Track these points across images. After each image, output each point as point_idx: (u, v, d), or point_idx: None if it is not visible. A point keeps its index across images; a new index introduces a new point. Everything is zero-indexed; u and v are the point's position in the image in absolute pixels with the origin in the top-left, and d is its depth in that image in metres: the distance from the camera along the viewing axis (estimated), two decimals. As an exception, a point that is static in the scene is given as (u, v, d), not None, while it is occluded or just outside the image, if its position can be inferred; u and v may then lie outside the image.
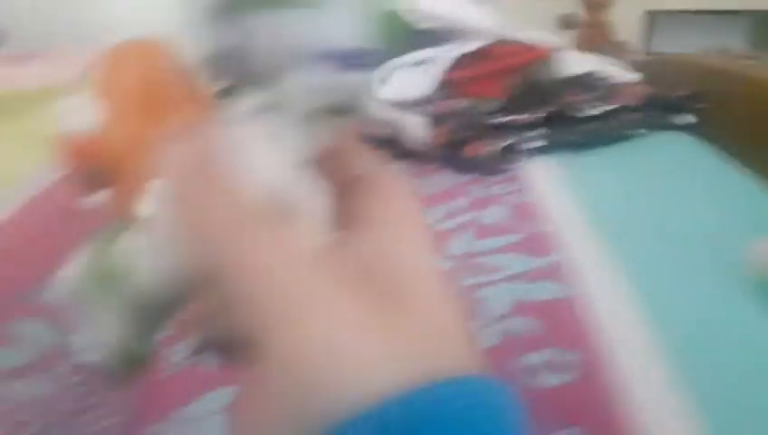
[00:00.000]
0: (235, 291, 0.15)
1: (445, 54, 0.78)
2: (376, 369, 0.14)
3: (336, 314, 0.15)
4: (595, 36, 1.60)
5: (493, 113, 0.78)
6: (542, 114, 0.74)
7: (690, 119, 0.78)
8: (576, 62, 0.84)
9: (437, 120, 0.77)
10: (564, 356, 0.38)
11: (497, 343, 0.39)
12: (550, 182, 0.65)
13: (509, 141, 0.71)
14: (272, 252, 0.16)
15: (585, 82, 0.83)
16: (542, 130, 0.74)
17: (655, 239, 0.50)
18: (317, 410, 0.14)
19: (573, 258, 0.49)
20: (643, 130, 0.75)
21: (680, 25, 2.32)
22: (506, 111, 0.79)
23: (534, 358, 0.38)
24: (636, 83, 0.86)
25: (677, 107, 0.79)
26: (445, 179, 0.69)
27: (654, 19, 2.27)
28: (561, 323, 0.41)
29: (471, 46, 0.79)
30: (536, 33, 0.84)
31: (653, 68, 1.11)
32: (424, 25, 0.79)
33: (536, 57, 0.82)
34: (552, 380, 0.36)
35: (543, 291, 0.45)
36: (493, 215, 0.58)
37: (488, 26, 0.80)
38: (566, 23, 2.10)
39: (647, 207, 0.57)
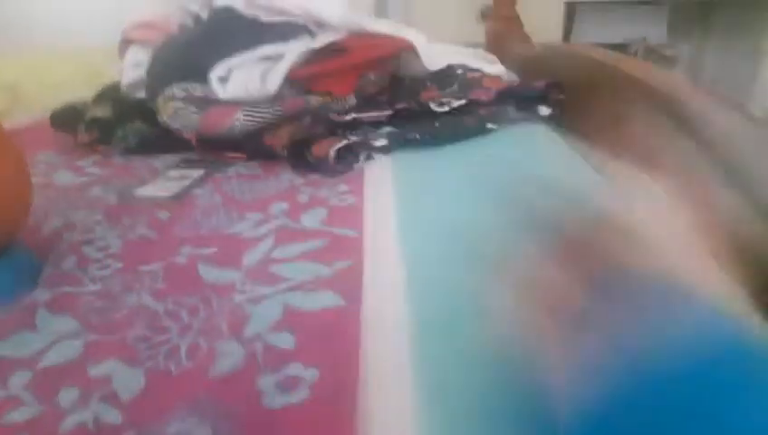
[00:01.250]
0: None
1: (292, 50, 0.74)
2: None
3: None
4: (503, 28, 1.58)
5: (344, 111, 0.75)
6: (387, 112, 0.72)
7: (546, 110, 0.76)
8: (436, 57, 0.82)
9: (284, 118, 0.73)
10: (303, 373, 0.35)
11: (247, 359, 0.36)
12: (382, 183, 0.63)
13: (350, 140, 0.68)
14: None
15: (444, 77, 0.81)
16: (387, 129, 0.71)
17: (448, 241, 0.48)
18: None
19: (365, 266, 0.46)
20: (493, 125, 0.72)
21: (601, 15, 2.33)
22: (358, 108, 0.76)
23: (275, 376, 0.35)
24: (499, 77, 0.84)
25: (537, 98, 0.77)
26: (283, 181, 0.66)
27: (574, 10, 2.28)
28: (318, 337, 0.38)
29: (321, 41, 0.76)
30: (393, 26, 0.81)
31: (538, 60, 1.09)
32: (268, 19, 0.75)
33: (391, 52, 0.79)
34: (282, 400, 0.33)
35: (317, 301, 0.42)
36: (307, 220, 0.55)
37: (340, 20, 0.77)
38: (483, 15, 2.10)
39: (460, 207, 0.54)
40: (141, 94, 0.89)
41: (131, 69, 0.91)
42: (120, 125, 0.79)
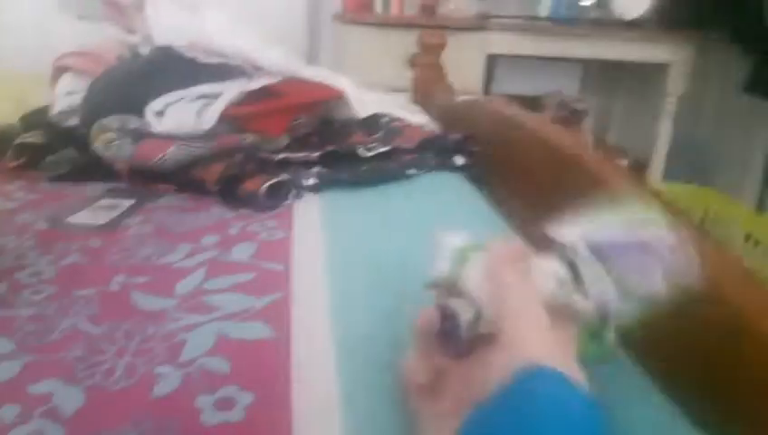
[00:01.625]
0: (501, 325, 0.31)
1: (229, 89, 0.78)
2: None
3: (536, 347, 0.30)
4: (429, 76, 1.67)
5: (276, 151, 0.79)
6: (316, 153, 0.77)
7: (461, 160, 0.83)
8: (364, 104, 0.88)
9: (217, 154, 0.77)
10: (239, 395, 0.38)
11: (185, 381, 0.39)
12: (310, 220, 0.67)
13: (281, 178, 0.73)
14: (527, 322, 0.31)
15: (371, 124, 0.87)
16: (317, 169, 0.76)
17: (371, 276, 0.53)
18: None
19: (293, 298, 0.50)
20: (414, 171, 0.79)
21: (519, 68, 2.49)
22: (290, 148, 0.81)
23: (212, 397, 0.38)
24: (421, 126, 0.90)
25: (454, 149, 0.84)
26: (213, 215, 0.69)
27: (494, 62, 2.42)
28: (251, 364, 0.42)
29: (256, 84, 0.80)
30: (325, 73, 0.86)
31: (458, 111, 1.17)
32: (206, 60, 0.79)
33: (323, 97, 0.84)
34: (218, 417, 0.36)
35: (249, 331, 0.45)
36: (237, 253, 0.58)
37: (276, 64, 0.82)
38: (412, 63, 2.20)
39: (382, 244, 0.60)
40: (72, 122, 0.91)
41: (64, 96, 0.92)
42: (52, 151, 0.81)
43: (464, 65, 2.09)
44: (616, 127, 2.80)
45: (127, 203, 0.73)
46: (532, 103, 2.14)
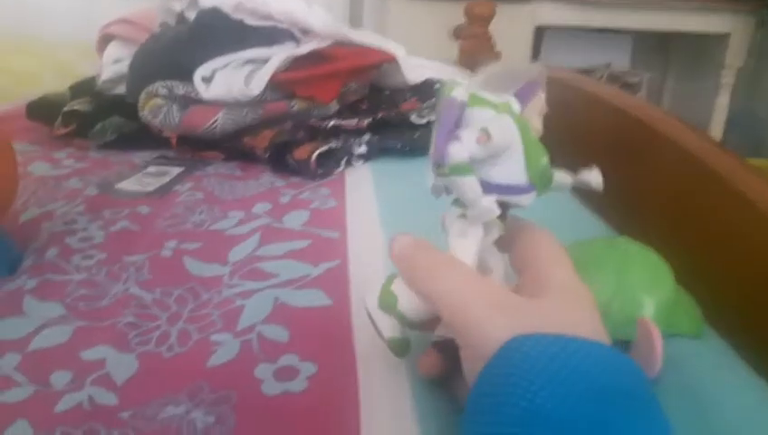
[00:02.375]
0: (442, 314, 0.29)
1: (278, 54, 0.76)
2: (498, 337, 0.25)
3: (476, 316, 0.27)
4: (476, 47, 1.62)
5: (326, 118, 0.77)
6: (367, 120, 0.73)
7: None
8: (416, 70, 0.84)
9: (267, 121, 0.75)
10: (301, 365, 0.36)
11: (243, 349, 0.37)
12: (363, 189, 0.64)
13: (331, 146, 0.70)
14: (445, 287, 0.29)
15: (423, 90, 0.83)
16: (367, 137, 0.73)
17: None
18: (478, 357, 0.26)
19: (350, 266, 0.48)
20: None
21: (568, 41, 2.40)
22: (340, 115, 0.78)
23: (272, 366, 0.36)
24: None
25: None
26: (263, 183, 0.67)
27: (543, 34, 2.34)
28: (310, 332, 0.39)
29: (305, 48, 0.77)
30: (375, 37, 0.83)
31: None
32: (254, 23, 0.76)
33: (375, 62, 0.81)
34: (280, 387, 0.34)
35: (307, 298, 0.43)
36: (290, 220, 0.56)
37: (325, 28, 0.78)
38: (457, 34, 2.14)
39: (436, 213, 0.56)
40: (120, 90, 0.89)
41: (110, 65, 0.91)
42: (99, 119, 0.79)
43: (511, 37, 2.02)
44: (668, 101, 2.70)
45: (175, 170, 0.71)
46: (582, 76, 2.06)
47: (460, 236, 0.31)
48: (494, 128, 0.28)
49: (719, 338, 0.40)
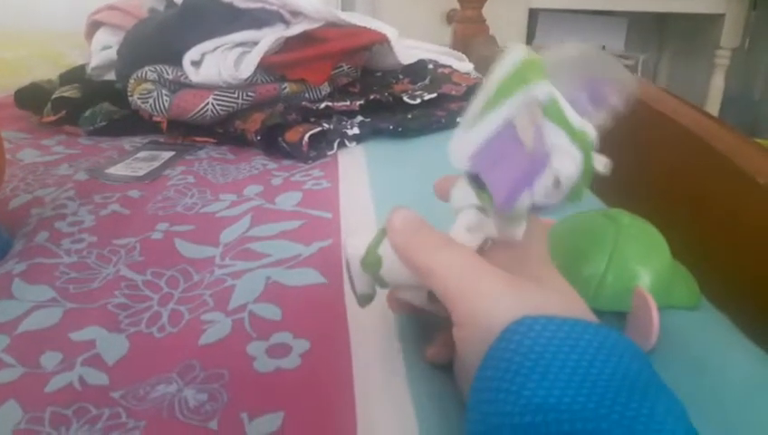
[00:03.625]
0: (439, 291, 0.28)
1: (267, 37, 0.75)
2: (507, 317, 0.25)
3: (485, 293, 0.27)
4: (470, 31, 1.61)
5: (318, 100, 0.76)
6: (360, 101, 0.73)
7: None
8: (408, 51, 0.83)
9: (257, 104, 0.74)
10: (294, 342, 0.36)
11: (235, 328, 0.37)
12: (355, 170, 0.64)
13: (324, 127, 0.69)
14: (449, 262, 0.28)
15: (416, 71, 0.82)
16: (359, 118, 0.72)
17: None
18: (483, 339, 0.25)
19: (343, 246, 0.47)
20: (461, 119, 0.74)
21: (561, 23, 2.39)
22: (332, 97, 0.77)
23: (265, 343, 0.36)
24: (468, 73, 0.86)
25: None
26: (255, 166, 0.66)
27: (536, 16, 2.33)
28: (303, 311, 0.39)
29: (295, 30, 0.76)
30: (366, 19, 0.82)
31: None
32: (244, 5, 0.75)
33: (366, 43, 0.80)
34: (273, 364, 0.34)
35: (299, 277, 0.43)
36: (282, 202, 0.55)
37: (315, 9, 0.77)
38: (450, 18, 2.13)
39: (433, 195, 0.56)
40: (109, 77, 0.88)
41: (99, 51, 0.90)
42: (89, 105, 0.78)
43: (504, 20, 2.01)
44: (663, 83, 2.69)
45: (166, 155, 0.70)
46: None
47: (467, 231, 0.30)
48: (564, 171, 0.26)
49: (715, 309, 0.40)
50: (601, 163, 0.27)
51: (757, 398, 0.31)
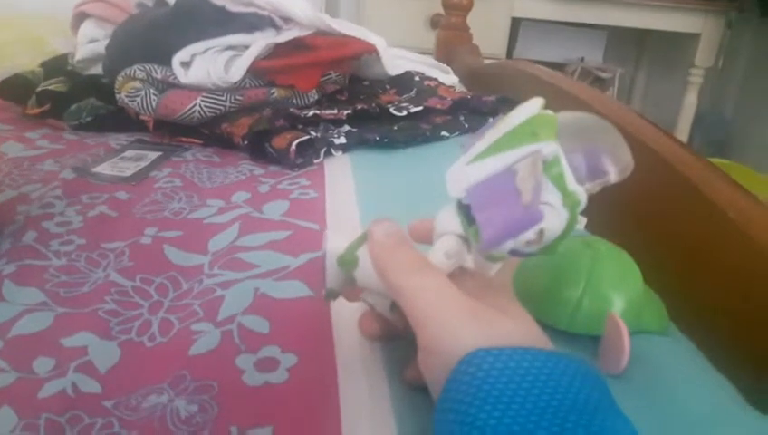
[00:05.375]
0: (409, 311, 0.29)
1: (258, 42, 0.75)
2: (468, 345, 0.26)
3: (450, 321, 0.28)
4: (453, 38, 1.63)
5: (305, 107, 0.77)
6: (347, 111, 0.74)
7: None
8: (396, 62, 0.85)
9: (245, 108, 0.75)
10: (281, 356, 0.37)
11: (224, 339, 0.38)
12: (342, 181, 0.65)
13: (309, 136, 0.70)
14: (421, 286, 0.30)
15: (403, 82, 0.84)
16: (346, 127, 0.73)
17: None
18: (444, 366, 0.26)
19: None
20: (445, 133, 0.76)
21: (543, 34, 2.43)
22: (319, 104, 0.78)
23: (253, 357, 0.37)
24: (453, 87, 0.87)
25: (488, 111, 0.81)
26: (242, 171, 0.67)
27: (518, 26, 2.36)
28: (291, 324, 0.40)
29: (286, 36, 0.77)
30: (356, 28, 0.83)
31: (488, 73, 1.14)
32: (236, 9, 0.76)
33: (355, 53, 0.81)
34: (261, 378, 0.35)
35: (287, 290, 0.44)
36: (270, 211, 0.56)
37: (306, 16, 0.78)
38: (434, 22, 2.15)
39: (418, 207, 0.57)
40: (94, 70, 0.88)
41: (85, 44, 0.89)
42: (75, 100, 0.78)
43: (487, 28, 2.04)
44: (638, 97, 2.75)
45: (153, 155, 0.70)
46: (554, 70, 2.08)
47: (445, 256, 0.31)
48: (549, 228, 0.27)
49: (683, 336, 0.42)
50: (581, 223, 0.29)
51: (710, 423, 0.33)
